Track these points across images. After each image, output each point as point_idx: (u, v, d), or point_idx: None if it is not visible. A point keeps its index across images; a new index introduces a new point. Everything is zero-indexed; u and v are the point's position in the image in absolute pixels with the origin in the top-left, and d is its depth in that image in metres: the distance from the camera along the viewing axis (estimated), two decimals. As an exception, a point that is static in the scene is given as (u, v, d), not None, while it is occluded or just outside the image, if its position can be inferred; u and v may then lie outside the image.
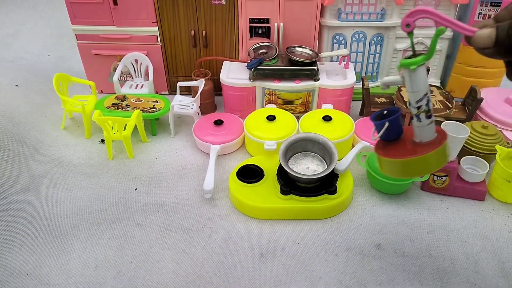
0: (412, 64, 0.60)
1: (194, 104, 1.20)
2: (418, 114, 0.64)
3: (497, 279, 0.80)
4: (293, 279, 0.80)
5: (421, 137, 0.66)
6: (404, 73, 0.62)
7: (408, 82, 0.63)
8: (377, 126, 0.69)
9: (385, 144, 0.70)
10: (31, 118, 1.19)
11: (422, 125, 0.65)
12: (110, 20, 1.26)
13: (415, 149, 0.65)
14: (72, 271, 0.82)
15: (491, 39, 0.46)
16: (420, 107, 0.63)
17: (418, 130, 0.66)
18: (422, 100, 0.63)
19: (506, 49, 0.45)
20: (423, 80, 0.62)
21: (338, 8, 1.23)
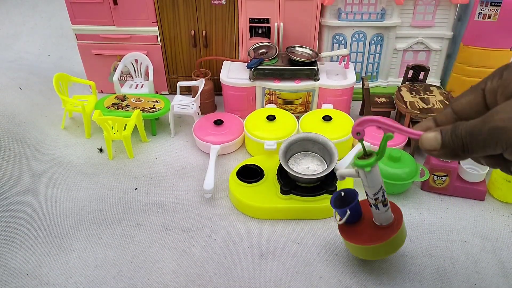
0: (367, 166, 0.66)
1: (194, 104, 1.20)
2: (376, 204, 0.71)
3: (497, 278, 0.80)
4: (293, 278, 0.80)
5: (380, 221, 0.75)
6: (359, 171, 0.68)
7: (364, 179, 0.69)
8: (339, 213, 0.77)
9: (348, 226, 0.78)
10: (31, 118, 1.19)
11: (381, 213, 0.73)
12: (110, 20, 1.26)
13: (377, 234, 0.74)
14: (72, 270, 0.82)
15: (437, 142, 0.48)
16: (377, 198, 0.70)
17: (377, 216, 0.74)
18: (378, 193, 0.70)
19: (451, 151, 0.47)
20: (377, 177, 0.68)
21: (338, 8, 1.23)
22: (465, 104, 0.50)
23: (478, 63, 1.26)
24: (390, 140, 0.60)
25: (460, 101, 0.50)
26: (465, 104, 0.50)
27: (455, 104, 0.51)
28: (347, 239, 0.77)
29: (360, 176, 0.69)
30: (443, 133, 0.48)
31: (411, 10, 1.24)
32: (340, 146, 1.04)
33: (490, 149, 0.43)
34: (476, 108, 0.49)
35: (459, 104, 0.50)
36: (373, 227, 0.76)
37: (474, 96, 0.49)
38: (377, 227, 0.75)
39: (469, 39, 1.23)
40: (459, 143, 0.45)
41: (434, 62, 1.33)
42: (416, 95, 1.13)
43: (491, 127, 0.42)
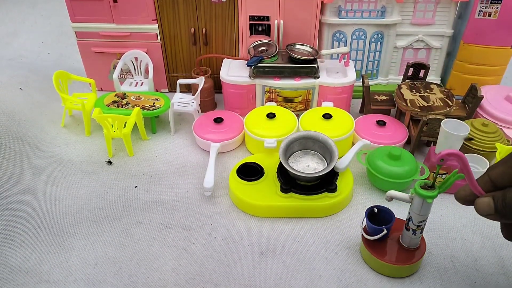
0: (430, 198, 0.69)
1: (194, 102, 1.20)
2: (415, 230, 0.75)
3: (497, 276, 0.80)
4: (293, 277, 0.80)
5: (409, 244, 0.79)
6: (416, 199, 0.71)
7: (418, 208, 0.72)
8: (372, 230, 0.80)
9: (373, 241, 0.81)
10: (31, 116, 1.19)
11: (415, 238, 0.77)
12: (110, 18, 1.26)
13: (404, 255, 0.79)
14: (72, 268, 0.82)
15: (490, 207, 0.54)
16: (420, 226, 0.74)
17: (408, 239, 0.78)
18: (423, 222, 0.74)
19: (504, 216, 0.53)
20: (430, 207, 0.72)
21: (338, 5, 1.23)
22: (499, 175, 0.56)
23: (478, 61, 1.25)
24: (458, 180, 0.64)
25: (495, 171, 0.56)
26: (499, 175, 0.56)
27: (491, 174, 0.57)
28: (373, 254, 0.79)
29: (414, 203, 0.72)
30: (495, 199, 0.54)
31: (411, 7, 1.23)
32: (340, 144, 1.04)
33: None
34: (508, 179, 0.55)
35: (494, 174, 0.56)
36: (399, 248, 0.80)
37: (507, 168, 0.55)
38: (404, 248, 0.79)
39: (469, 37, 1.23)
40: (508, 209, 0.52)
41: (434, 60, 1.33)
42: (416, 93, 1.13)
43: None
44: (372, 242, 0.81)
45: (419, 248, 0.79)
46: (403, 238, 0.79)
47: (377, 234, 0.79)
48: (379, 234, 0.79)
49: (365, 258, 0.83)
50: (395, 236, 0.81)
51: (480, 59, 1.25)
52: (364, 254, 0.83)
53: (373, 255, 0.79)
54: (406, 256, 0.78)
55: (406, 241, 0.79)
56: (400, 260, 0.78)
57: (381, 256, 0.79)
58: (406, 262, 0.78)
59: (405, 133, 1.11)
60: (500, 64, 1.26)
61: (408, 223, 0.76)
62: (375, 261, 0.80)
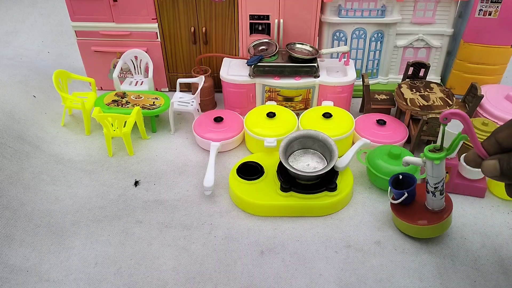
0: (437, 159, 0.74)
1: (194, 101, 1.20)
2: (434, 192, 0.79)
3: (497, 276, 0.80)
4: (293, 276, 0.80)
5: (433, 206, 0.83)
6: (427, 162, 0.76)
7: (430, 170, 0.77)
8: (396, 194, 0.85)
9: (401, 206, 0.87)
10: (30, 115, 1.19)
11: (436, 200, 0.81)
12: (110, 17, 1.26)
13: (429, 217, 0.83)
14: (72, 267, 0.82)
15: (496, 170, 0.56)
16: (437, 187, 0.78)
17: (431, 202, 0.82)
18: (439, 183, 0.78)
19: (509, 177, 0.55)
20: (442, 169, 0.76)
21: (338, 4, 1.22)
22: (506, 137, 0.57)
23: (478, 60, 1.25)
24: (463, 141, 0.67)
25: (501, 133, 0.57)
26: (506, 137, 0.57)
27: (497, 136, 0.58)
28: (399, 217, 0.85)
29: (427, 166, 0.77)
30: (501, 162, 0.56)
31: (412, 6, 1.23)
32: (340, 143, 1.04)
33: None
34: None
35: (501, 136, 0.58)
36: (425, 211, 0.85)
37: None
38: (429, 211, 0.84)
39: (469, 36, 1.23)
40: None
41: (434, 59, 1.33)
42: (416, 92, 1.13)
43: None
44: (401, 208, 0.87)
45: (444, 209, 0.84)
46: (427, 201, 0.84)
47: (400, 198, 0.85)
48: (401, 197, 0.84)
49: (397, 224, 0.89)
50: (423, 201, 0.86)
51: (480, 58, 1.25)
52: (396, 221, 0.89)
53: (402, 220, 0.85)
54: (432, 217, 0.83)
55: (430, 204, 0.84)
56: (428, 221, 0.83)
57: (410, 219, 0.84)
58: (432, 223, 0.82)
59: (405, 132, 1.11)
60: (500, 63, 1.25)
61: (427, 187, 0.81)
62: (404, 224, 0.85)
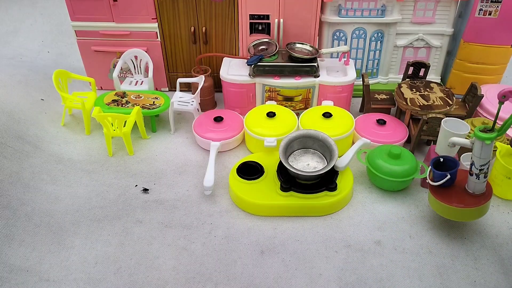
0: (488, 139, 0.74)
1: (194, 101, 1.19)
2: (478, 174, 0.80)
3: (497, 275, 0.80)
4: (293, 275, 0.80)
5: (474, 190, 0.82)
6: (476, 142, 0.76)
7: (478, 151, 0.77)
8: (437, 175, 0.85)
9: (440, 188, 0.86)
10: (31, 114, 1.19)
11: (479, 182, 0.81)
12: (110, 17, 1.26)
13: (470, 200, 0.82)
14: (72, 267, 0.82)
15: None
16: (482, 169, 0.79)
17: (473, 185, 0.82)
18: (485, 165, 0.78)
19: None
20: (490, 151, 0.76)
21: (338, 4, 1.22)
22: None
23: (478, 60, 1.25)
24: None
25: None
26: None
27: None
28: (439, 199, 0.84)
29: (475, 147, 0.77)
30: None
31: (412, 6, 1.23)
32: (340, 143, 1.04)
33: None
34: None
35: None
36: (466, 194, 0.85)
37: None
38: (469, 194, 0.84)
39: (469, 36, 1.23)
40: None
41: (434, 59, 1.33)
42: (417, 91, 1.13)
43: None
44: (440, 191, 0.86)
45: (485, 194, 0.84)
46: (469, 184, 0.84)
47: (441, 179, 0.84)
48: (443, 179, 0.84)
49: (434, 206, 0.87)
50: (462, 185, 0.86)
51: (480, 58, 1.25)
52: (432, 203, 0.88)
53: (441, 201, 0.84)
54: (472, 201, 0.83)
55: (471, 187, 0.84)
56: (466, 203, 0.83)
57: (446, 200, 0.84)
58: (472, 205, 0.82)
59: (405, 132, 1.11)
60: (500, 63, 1.25)
61: (471, 168, 0.81)
62: (441, 206, 0.84)
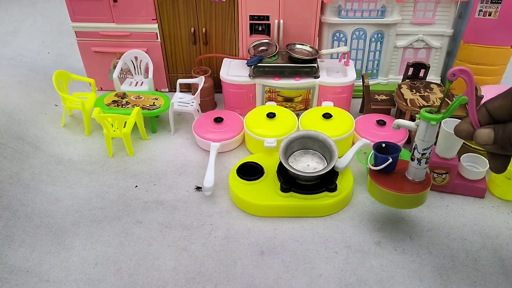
0: (434, 120, 0.71)
1: (194, 102, 1.20)
2: (420, 159, 0.76)
3: (497, 276, 0.80)
4: (293, 276, 0.80)
5: (414, 177, 0.80)
6: (421, 123, 0.73)
7: (423, 132, 0.73)
8: (379, 159, 0.82)
9: (380, 173, 0.83)
10: (31, 115, 1.19)
11: (420, 168, 0.78)
12: (110, 17, 1.26)
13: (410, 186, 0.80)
14: (72, 268, 0.82)
15: (490, 138, 0.57)
16: (425, 154, 0.75)
17: (414, 171, 0.79)
18: (428, 149, 0.75)
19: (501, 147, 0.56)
20: (434, 134, 0.73)
21: (338, 5, 1.23)
22: (497, 107, 0.58)
23: (478, 61, 1.25)
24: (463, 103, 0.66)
25: (493, 103, 0.58)
26: (497, 107, 0.58)
27: (489, 106, 0.59)
28: (378, 183, 0.81)
29: (419, 129, 0.74)
30: (496, 130, 0.56)
31: (412, 7, 1.23)
32: (340, 143, 1.04)
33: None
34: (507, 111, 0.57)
35: (492, 106, 0.58)
36: (405, 180, 0.82)
37: (505, 101, 0.57)
38: (409, 181, 0.81)
39: (469, 37, 1.23)
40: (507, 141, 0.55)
41: (434, 60, 1.33)
42: (417, 92, 1.13)
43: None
44: (379, 175, 0.83)
45: (424, 181, 0.81)
46: (409, 171, 0.81)
47: (382, 163, 0.82)
48: (384, 163, 0.81)
49: (372, 192, 0.85)
50: (401, 172, 0.84)
51: (480, 58, 1.25)
52: (371, 188, 0.85)
53: (379, 185, 0.81)
54: (411, 187, 0.80)
55: (411, 173, 0.81)
56: (405, 189, 0.80)
57: (386, 185, 0.81)
58: (411, 192, 0.79)
59: (405, 132, 1.11)
60: (500, 64, 1.26)
61: (413, 153, 0.78)
62: (380, 191, 0.82)
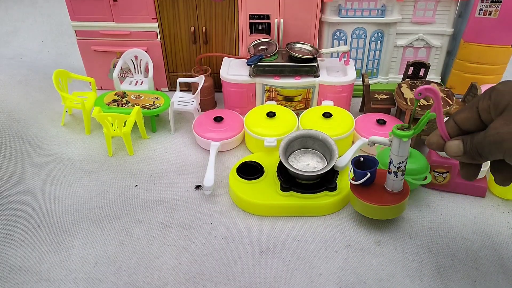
0: (405, 137, 0.75)
1: (194, 101, 1.20)
2: (396, 172, 0.81)
3: (497, 275, 0.80)
4: (293, 275, 0.81)
5: (393, 188, 0.85)
6: (394, 140, 0.77)
7: (396, 148, 0.78)
8: (358, 174, 0.86)
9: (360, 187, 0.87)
10: (30, 114, 1.19)
11: (397, 181, 0.82)
12: (110, 16, 1.26)
13: (389, 198, 0.84)
14: (72, 267, 0.82)
15: (459, 149, 0.59)
16: (400, 167, 0.80)
17: (392, 183, 0.84)
18: (403, 162, 0.79)
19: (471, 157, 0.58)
20: (407, 149, 0.78)
21: (338, 4, 1.22)
22: (464, 119, 0.60)
23: (478, 60, 1.25)
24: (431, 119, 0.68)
25: (460, 115, 0.61)
26: (464, 119, 0.60)
27: (456, 118, 0.61)
28: (359, 197, 0.86)
29: (393, 144, 0.78)
30: (464, 141, 0.59)
31: (412, 6, 1.23)
32: (340, 143, 1.04)
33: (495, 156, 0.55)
34: (473, 123, 0.59)
35: (459, 118, 0.61)
36: (384, 192, 0.86)
37: (471, 113, 0.59)
38: (388, 192, 0.86)
39: (469, 36, 1.23)
40: (475, 151, 0.57)
41: (434, 59, 1.33)
42: (417, 91, 1.13)
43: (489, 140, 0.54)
44: (360, 189, 0.87)
45: (403, 192, 0.86)
46: (387, 183, 0.86)
47: (362, 178, 0.85)
48: (363, 178, 0.85)
49: (355, 205, 0.89)
50: (381, 183, 0.88)
51: (480, 58, 1.25)
52: (353, 201, 0.89)
53: (360, 199, 0.85)
54: (390, 199, 0.85)
55: (389, 185, 0.85)
56: (385, 201, 0.84)
57: (367, 199, 0.85)
58: (390, 203, 0.84)
59: (405, 132, 1.11)
60: (500, 63, 1.25)
61: (389, 166, 0.82)
62: (362, 204, 0.86)
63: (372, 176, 0.86)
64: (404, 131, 0.76)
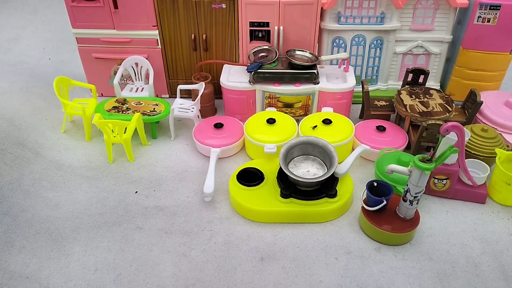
0: (428, 170, 0.77)
1: (194, 107, 1.20)
2: (412, 201, 0.83)
3: (498, 282, 0.80)
4: (293, 282, 0.80)
5: (405, 215, 0.87)
6: (414, 171, 0.79)
7: (416, 179, 0.80)
8: (373, 200, 0.87)
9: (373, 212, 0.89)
10: (31, 121, 1.19)
11: (411, 208, 0.85)
12: (111, 24, 1.27)
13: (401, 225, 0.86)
14: (72, 274, 0.82)
15: None
16: (417, 197, 0.82)
17: (405, 210, 0.85)
18: (420, 193, 0.82)
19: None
20: (427, 180, 0.80)
21: (338, 11, 1.23)
22: None
23: (477, 67, 1.26)
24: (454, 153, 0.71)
25: None
26: None
27: None
28: (371, 221, 0.87)
29: (413, 175, 0.80)
30: None
31: (411, 13, 1.24)
32: (340, 149, 1.04)
33: None
34: None
35: None
36: (396, 218, 0.88)
37: None
38: (400, 218, 0.87)
39: (468, 43, 1.23)
40: None
41: (433, 66, 1.33)
42: (416, 98, 1.13)
43: None
44: (372, 213, 0.88)
45: (414, 219, 0.87)
46: (400, 209, 0.87)
47: (377, 205, 0.86)
48: (379, 205, 0.86)
49: (364, 228, 0.90)
50: (391, 208, 0.89)
51: (479, 64, 1.25)
52: (363, 224, 0.90)
53: (373, 224, 0.86)
54: (402, 225, 0.86)
55: (402, 212, 0.87)
56: (397, 228, 0.86)
57: (379, 225, 0.86)
58: (403, 231, 0.85)
59: (405, 138, 1.11)
60: (499, 70, 1.26)
61: (405, 195, 0.83)
62: (374, 230, 0.87)
63: (386, 204, 0.87)
64: (426, 164, 0.77)
